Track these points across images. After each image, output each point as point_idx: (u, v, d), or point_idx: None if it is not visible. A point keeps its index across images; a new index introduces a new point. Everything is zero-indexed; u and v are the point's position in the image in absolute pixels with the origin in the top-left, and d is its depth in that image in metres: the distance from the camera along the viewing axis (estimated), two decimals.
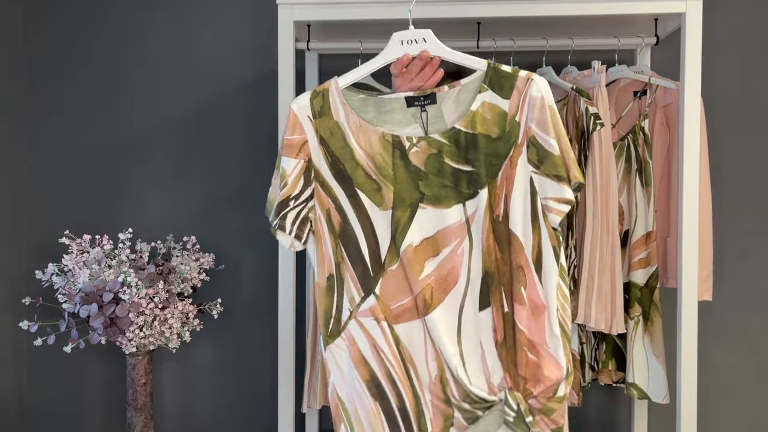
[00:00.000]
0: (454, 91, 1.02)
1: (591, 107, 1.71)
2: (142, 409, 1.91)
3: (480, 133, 0.99)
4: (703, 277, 1.79)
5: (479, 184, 0.99)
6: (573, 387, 1.75)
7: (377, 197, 1.00)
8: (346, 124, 1.02)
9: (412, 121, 1.02)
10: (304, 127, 1.03)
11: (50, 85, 2.15)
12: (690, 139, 1.65)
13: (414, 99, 1.02)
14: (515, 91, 1.00)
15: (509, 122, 0.99)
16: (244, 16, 2.11)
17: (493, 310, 1.00)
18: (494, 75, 1.02)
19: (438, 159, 1.00)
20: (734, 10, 2.01)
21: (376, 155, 1.00)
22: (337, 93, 1.04)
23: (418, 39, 1.02)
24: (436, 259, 0.99)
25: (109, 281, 1.77)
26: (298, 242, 1.02)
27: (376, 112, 1.03)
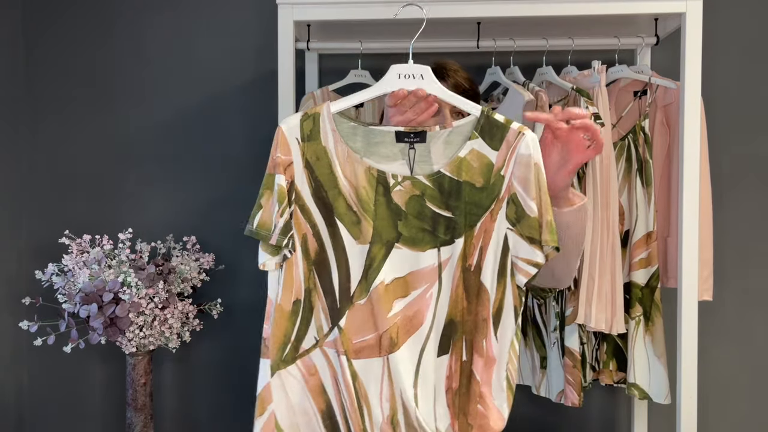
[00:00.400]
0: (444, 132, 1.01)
1: (591, 107, 1.71)
2: (142, 409, 1.91)
3: (465, 181, 0.99)
4: (704, 277, 1.79)
5: (457, 233, 1.00)
6: (574, 387, 1.75)
7: (356, 230, 1.00)
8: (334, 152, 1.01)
9: (400, 157, 1.01)
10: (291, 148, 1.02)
11: (50, 85, 2.15)
12: (690, 139, 1.65)
13: (404, 135, 1.01)
14: (504, 143, 0.99)
15: (494, 175, 0.99)
16: (243, 15, 2.11)
17: (451, 358, 1.01)
18: (486, 123, 1.01)
19: (420, 201, 1.00)
20: (734, 10, 2.01)
21: (360, 188, 1.00)
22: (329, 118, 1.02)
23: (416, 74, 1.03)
24: (404, 299, 1.00)
25: (109, 281, 1.77)
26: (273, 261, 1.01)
27: (364, 142, 1.02)
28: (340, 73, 1.97)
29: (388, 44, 1.91)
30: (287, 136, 1.02)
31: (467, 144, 1.00)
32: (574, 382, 1.75)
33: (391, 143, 1.01)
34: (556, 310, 1.81)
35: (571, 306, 1.76)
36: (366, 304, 1.00)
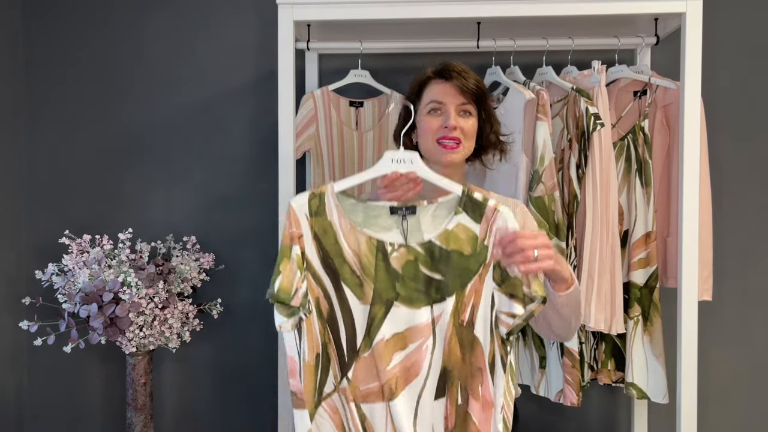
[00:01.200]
0: (432, 206, 1.16)
1: (591, 107, 1.71)
2: (142, 409, 1.91)
3: (453, 250, 1.14)
4: (703, 277, 1.79)
5: (447, 292, 1.14)
6: (573, 387, 1.75)
7: (359, 292, 1.14)
8: (338, 225, 1.15)
9: (394, 227, 1.16)
10: (301, 223, 1.15)
11: (50, 85, 2.15)
12: (690, 139, 1.65)
13: (397, 209, 1.16)
14: (484, 219, 1.14)
15: (479, 244, 1.14)
16: (243, 16, 2.11)
17: (447, 401, 1.15)
18: (468, 201, 1.15)
19: (414, 265, 1.14)
20: (734, 10, 2.01)
21: (362, 255, 1.15)
22: (332, 197, 1.16)
23: (406, 159, 1.15)
24: (403, 352, 1.14)
25: (109, 281, 1.77)
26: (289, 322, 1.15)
27: (364, 215, 1.17)
28: (340, 73, 1.97)
29: (388, 44, 1.91)
30: (297, 212, 1.15)
31: (454, 218, 1.15)
32: (573, 381, 1.75)
33: (387, 216, 1.17)
34: None
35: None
36: (369, 357, 1.14)
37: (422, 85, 1.41)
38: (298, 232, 1.14)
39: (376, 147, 1.96)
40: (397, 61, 2.04)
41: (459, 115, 1.37)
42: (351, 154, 1.96)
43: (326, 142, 1.96)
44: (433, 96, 1.38)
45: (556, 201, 1.73)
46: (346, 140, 1.96)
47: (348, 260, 1.14)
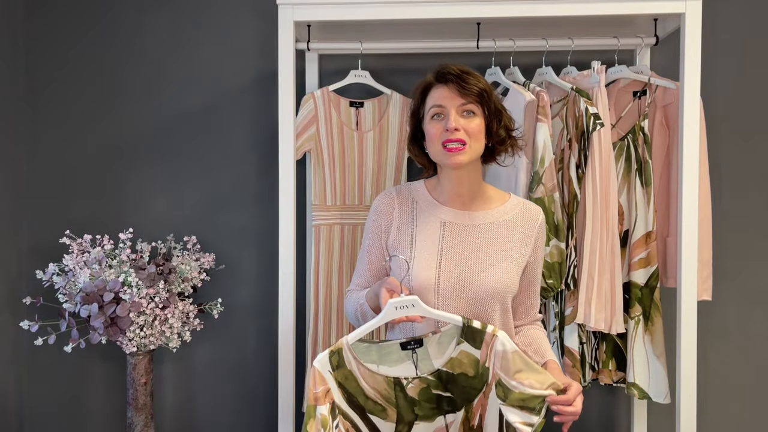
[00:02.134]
0: (436, 336, 1.31)
1: (591, 107, 1.72)
2: (142, 408, 1.92)
3: (459, 373, 1.31)
4: (703, 277, 1.79)
5: (457, 406, 1.32)
6: None
7: (384, 415, 1.33)
8: (357, 372, 1.31)
9: (405, 359, 1.32)
10: (326, 378, 1.29)
11: (50, 85, 2.15)
12: (690, 139, 1.66)
13: (406, 344, 1.32)
14: (484, 344, 1.29)
15: (481, 367, 1.30)
16: (244, 16, 2.11)
17: None
18: (468, 330, 1.29)
19: (427, 391, 1.32)
20: (734, 10, 2.01)
21: (381, 390, 1.32)
22: (348, 349, 1.30)
23: (408, 305, 1.27)
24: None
25: (109, 281, 1.77)
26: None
27: (378, 354, 1.32)
28: (340, 74, 1.98)
29: (388, 44, 1.92)
30: (321, 371, 1.29)
31: (456, 347, 1.30)
32: None
33: (398, 351, 1.32)
34: (555, 310, 1.81)
35: (571, 306, 1.76)
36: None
37: (424, 91, 1.41)
38: (326, 388, 1.28)
39: (377, 147, 1.96)
40: (397, 61, 2.05)
41: (462, 116, 1.36)
42: (351, 155, 1.96)
43: (326, 142, 1.96)
44: (434, 101, 1.38)
45: (556, 202, 1.73)
46: (347, 140, 1.97)
47: (370, 396, 1.32)
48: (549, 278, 1.72)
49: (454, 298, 1.37)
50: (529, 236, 1.42)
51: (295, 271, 1.76)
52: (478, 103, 1.36)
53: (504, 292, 1.38)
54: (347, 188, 1.97)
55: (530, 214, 1.44)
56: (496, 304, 1.38)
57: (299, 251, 1.95)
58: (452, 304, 1.37)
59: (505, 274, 1.38)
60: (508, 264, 1.39)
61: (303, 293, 2.01)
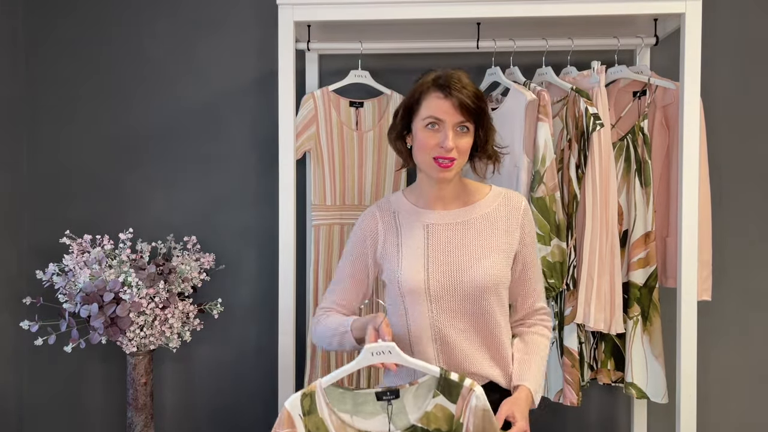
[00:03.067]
0: (413, 388, 1.30)
1: (591, 107, 1.72)
2: (142, 408, 1.92)
3: (434, 429, 1.28)
4: (703, 277, 1.79)
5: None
6: (573, 387, 1.75)
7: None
8: (329, 421, 1.27)
9: (381, 412, 1.29)
10: (295, 422, 1.26)
11: (50, 85, 2.15)
12: (690, 139, 1.66)
13: (382, 394, 1.29)
14: (460, 398, 1.27)
15: (455, 422, 1.28)
16: (244, 16, 2.11)
17: None
18: (445, 383, 1.28)
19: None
20: (734, 11, 2.01)
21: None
22: (322, 394, 1.28)
23: (384, 351, 1.27)
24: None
25: (109, 281, 1.77)
26: None
27: (352, 403, 1.29)
28: (340, 74, 1.97)
29: (388, 45, 1.92)
30: (291, 413, 1.26)
31: (432, 401, 1.28)
32: (573, 381, 1.75)
33: (374, 402, 1.29)
34: (555, 310, 1.81)
35: (570, 306, 1.76)
36: None
37: (422, 94, 1.37)
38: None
39: (376, 147, 1.97)
40: (397, 61, 2.05)
41: (456, 133, 1.34)
42: (351, 155, 1.97)
43: (326, 142, 1.96)
44: (431, 111, 1.35)
45: (557, 201, 1.73)
46: (347, 140, 1.97)
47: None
48: (550, 278, 1.73)
49: (446, 298, 1.38)
50: (514, 225, 1.42)
51: (295, 271, 1.76)
52: (473, 120, 1.35)
53: (496, 285, 1.38)
54: (347, 188, 1.97)
55: (512, 203, 1.44)
56: (491, 298, 1.38)
57: (299, 251, 1.95)
58: (446, 305, 1.38)
59: (493, 267, 1.38)
60: (496, 256, 1.39)
61: (303, 293, 2.01)
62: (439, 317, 1.38)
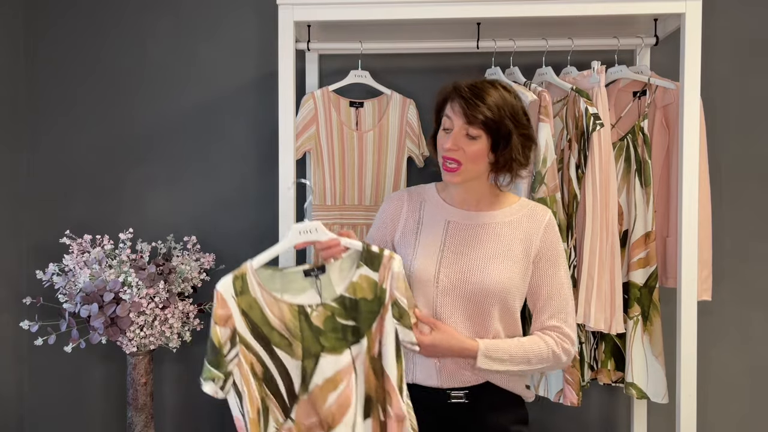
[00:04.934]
0: (337, 262, 1.36)
1: (591, 107, 1.72)
2: (142, 408, 1.92)
3: (360, 298, 1.34)
4: (703, 277, 1.79)
5: (360, 334, 1.34)
6: (573, 387, 1.75)
7: (289, 350, 1.33)
8: (262, 299, 1.33)
9: (309, 288, 1.35)
10: (228, 304, 1.30)
11: (50, 85, 2.15)
12: (690, 139, 1.66)
13: (309, 271, 1.35)
14: (382, 266, 1.35)
15: (379, 288, 1.34)
16: (244, 16, 2.11)
17: (373, 420, 1.35)
18: (367, 255, 1.35)
19: (332, 319, 1.34)
20: (734, 10, 2.01)
21: (286, 321, 1.33)
22: (252, 274, 1.32)
23: (311, 230, 1.35)
24: (335, 392, 1.33)
25: (109, 281, 1.77)
26: (221, 392, 1.29)
27: (281, 282, 1.34)
28: (340, 74, 1.97)
29: (388, 45, 1.91)
30: (224, 295, 1.31)
31: (356, 272, 1.35)
32: (573, 381, 1.75)
33: (302, 279, 1.35)
34: None
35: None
36: (308, 399, 1.33)
37: (445, 99, 1.42)
38: (227, 313, 1.30)
39: (376, 147, 1.96)
40: (397, 61, 2.05)
41: (465, 138, 1.37)
42: (351, 155, 1.96)
43: (326, 142, 1.96)
44: (447, 113, 1.40)
45: (558, 202, 1.73)
46: (347, 140, 1.97)
47: (275, 327, 1.32)
48: None
49: (452, 294, 1.39)
50: (534, 236, 1.42)
51: None
52: (483, 129, 1.36)
53: (503, 292, 1.38)
54: (347, 188, 1.97)
55: (536, 215, 1.45)
56: (495, 304, 1.38)
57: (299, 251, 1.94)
58: (449, 301, 1.40)
59: (503, 273, 1.38)
60: (508, 264, 1.40)
61: None
62: (443, 310, 1.40)
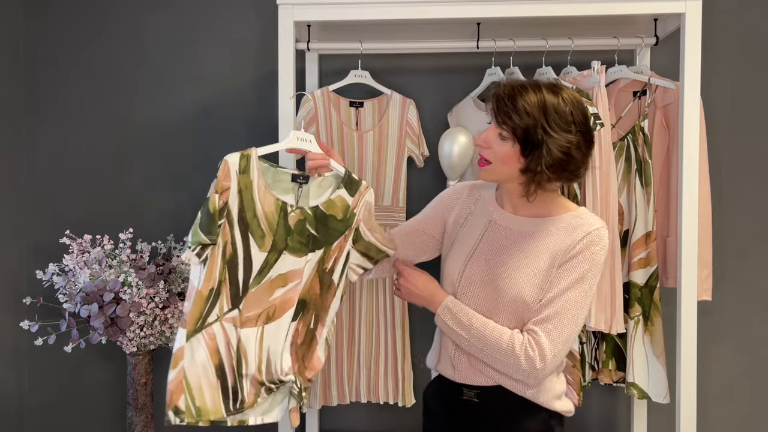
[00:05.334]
0: (319, 179, 1.51)
1: (591, 107, 1.72)
2: (142, 408, 1.92)
3: (331, 215, 1.48)
4: (703, 277, 1.79)
5: (318, 246, 1.48)
6: (574, 387, 1.75)
7: (261, 242, 1.45)
8: (256, 185, 1.45)
9: (291, 191, 1.50)
10: (231, 176, 1.43)
11: (50, 85, 2.15)
12: (690, 139, 1.66)
13: (296, 177, 1.50)
14: (358, 193, 1.50)
15: (350, 212, 1.50)
16: (244, 16, 2.11)
17: (299, 323, 1.48)
18: (348, 179, 1.50)
19: (303, 224, 1.47)
20: (734, 10, 2.01)
21: (268, 213, 1.45)
22: (255, 159, 1.46)
23: (307, 139, 1.50)
24: (283, 288, 1.46)
25: (109, 281, 1.77)
26: (197, 259, 1.41)
27: (272, 178, 1.49)
28: (340, 74, 1.97)
29: (388, 45, 1.91)
30: (231, 168, 1.43)
31: (336, 192, 1.49)
32: (574, 381, 1.75)
33: (288, 181, 1.50)
34: None
35: None
36: (257, 291, 1.45)
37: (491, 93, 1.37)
38: (228, 185, 1.43)
39: (376, 147, 1.96)
40: (397, 61, 2.05)
41: (498, 137, 1.32)
42: (351, 155, 1.96)
43: (326, 142, 1.96)
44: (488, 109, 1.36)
45: None
46: (347, 140, 1.97)
47: (258, 215, 1.44)
48: None
49: (469, 295, 1.39)
50: (566, 247, 1.32)
51: None
52: (511, 132, 1.30)
53: (515, 302, 1.32)
54: None
55: (579, 229, 1.32)
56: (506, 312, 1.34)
57: None
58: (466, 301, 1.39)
59: (519, 284, 1.32)
60: (528, 276, 1.33)
61: None
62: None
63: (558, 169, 1.30)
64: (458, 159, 1.87)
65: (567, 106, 1.29)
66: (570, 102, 1.30)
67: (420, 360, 1.99)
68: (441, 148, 1.89)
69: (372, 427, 2.14)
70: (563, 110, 1.28)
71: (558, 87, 1.32)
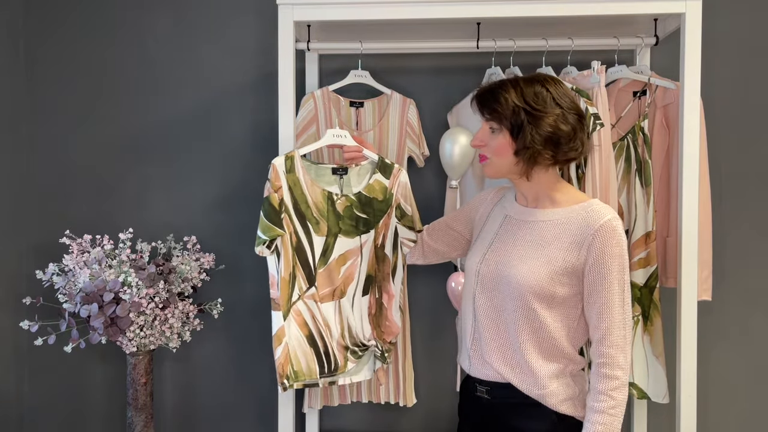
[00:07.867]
0: (357, 168, 1.73)
1: (591, 107, 1.72)
2: (142, 408, 1.92)
3: (373, 197, 1.70)
4: (703, 277, 1.79)
5: (370, 227, 1.71)
6: None
7: (317, 228, 1.68)
8: (303, 180, 1.67)
9: (334, 183, 1.72)
10: (281, 177, 1.65)
11: (50, 85, 2.15)
12: (690, 139, 1.66)
13: (337, 169, 1.72)
14: (393, 176, 1.71)
15: (388, 192, 1.71)
16: (244, 16, 2.11)
17: (371, 296, 1.74)
18: (382, 164, 1.71)
19: (350, 209, 1.69)
20: (734, 11, 2.01)
21: (318, 202, 1.68)
22: (299, 159, 1.67)
23: (342, 135, 1.70)
24: (345, 266, 1.71)
25: (109, 281, 1.77)
26: (268, 251, 1.65)
27: (315, 173, 1.71)
28: (340, 74, 1.97)
29: (388, 44, 1.91)
30: (278, 169, 1.65)
31: (373, 176, 1.70)
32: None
33: (330, 175, 1.72)
34: None
35: None
36: (325, 271, 1.70)
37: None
38: (279, 184, 1.64)
39: (376, 147, 1.96)
40: (397, 61, 2.05)
41: (489, 132, 1.42)
42: None
43: None
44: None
45: None
46: None
47: (310, 206, 1.67)
48: None
49: (489, 288, 1.42)
50: (581, 242, 1.33)
51: None
52: (498, 122, 1.39)
53: (525, 292, 1.33)
54: None
55: (588, 220, 1.34)
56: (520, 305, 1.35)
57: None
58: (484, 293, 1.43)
59: (531, 272, 1.34)
60: (541, 264, 1.34)
61: None
62: (480, 299, 1.44)
63: (549, 143, 1.36)
64: (459, 159, 1.87)
65: (544, 88, 1.37)
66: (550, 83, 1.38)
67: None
68: (442, 148, 1.89)
69: (373, 427, 2.14)
70: (541, 92, 1.36)
71: (536, 76, 1.41)
